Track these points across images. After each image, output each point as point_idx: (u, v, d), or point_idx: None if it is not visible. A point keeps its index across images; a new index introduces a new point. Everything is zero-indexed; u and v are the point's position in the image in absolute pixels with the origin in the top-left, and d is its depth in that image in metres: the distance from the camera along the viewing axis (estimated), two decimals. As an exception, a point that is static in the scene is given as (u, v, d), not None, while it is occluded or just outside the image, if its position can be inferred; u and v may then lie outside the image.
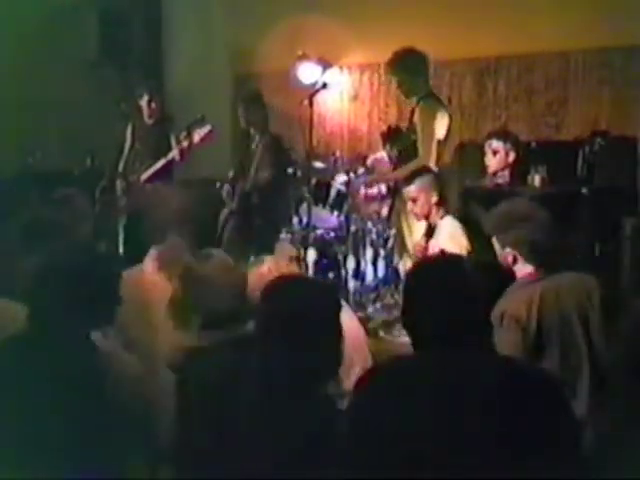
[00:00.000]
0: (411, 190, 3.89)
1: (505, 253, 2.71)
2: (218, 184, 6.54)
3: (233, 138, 6.44)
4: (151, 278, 3.00)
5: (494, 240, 2.76)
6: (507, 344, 2.45)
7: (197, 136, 5.41)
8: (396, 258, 4.34)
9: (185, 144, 5.41)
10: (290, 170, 5.64)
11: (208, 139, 5.47)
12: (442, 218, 3.86)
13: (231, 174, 5.56)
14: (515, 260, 2.69)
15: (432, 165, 4.17)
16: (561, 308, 2.59)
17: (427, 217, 3.91)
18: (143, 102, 5.61)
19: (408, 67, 4.26)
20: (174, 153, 5.46)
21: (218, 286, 2.48)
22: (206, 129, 5.43)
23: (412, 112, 4.35)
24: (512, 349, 2.47)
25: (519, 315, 2.54)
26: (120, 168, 5.71)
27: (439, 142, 4.22)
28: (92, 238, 3.67)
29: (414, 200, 3.89)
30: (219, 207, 6.08)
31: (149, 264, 3.06)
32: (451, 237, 3.77)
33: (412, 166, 4.16)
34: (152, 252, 3.08)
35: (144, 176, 5.52)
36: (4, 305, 2.53)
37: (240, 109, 5.45)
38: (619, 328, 2.58)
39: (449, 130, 4.30)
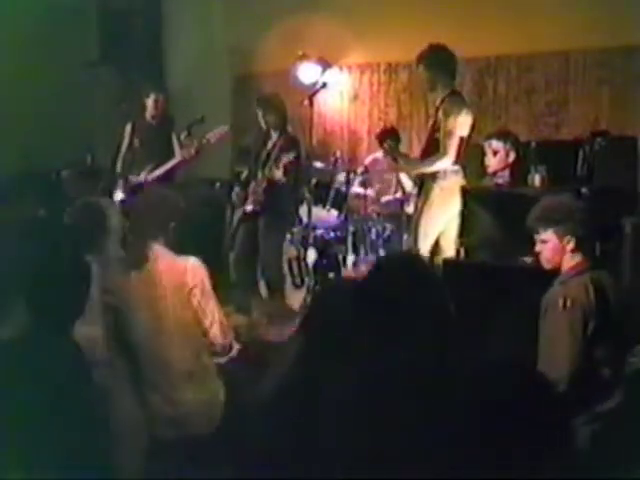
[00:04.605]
0: None
1: (549, 245, 2.82)
2: (218, 184, 6.51)
3: (233, 138, 6.42)
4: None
5: (537, 235, 2.86)
6: (569, 325, 2.65)
7: (214, 137, 5.38)
8: None
9: (198, 144, 5.36)
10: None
11: (222, 140, 5.49)
12: None
13: (244, 175, 5.41)
14: (564, 250, 2.81)
15: (453, 160, 4.22)
16: (605, 297, 2.75)
17: None
18: (149, 101, 5.57)
19: (436, 62, 4.35)
20: (186, 153, 5.41)
21: None
22: (222, 130, 5.43)
23: (437, 110, 4.38)
24: (574, 329, 2.65)
25: (580, 298, 2.70)
26: (118, 167, 5.66)
27: (462, 139, 4.26)
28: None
29: None
30: (219, 208, 6.04)
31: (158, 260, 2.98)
32: None
33: (436, 160, 4.27)
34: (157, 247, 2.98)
35: (151, 176, 5.46)
36: None
37: (259, 111, 5.30)
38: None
39: (472, 130, 4.34)
